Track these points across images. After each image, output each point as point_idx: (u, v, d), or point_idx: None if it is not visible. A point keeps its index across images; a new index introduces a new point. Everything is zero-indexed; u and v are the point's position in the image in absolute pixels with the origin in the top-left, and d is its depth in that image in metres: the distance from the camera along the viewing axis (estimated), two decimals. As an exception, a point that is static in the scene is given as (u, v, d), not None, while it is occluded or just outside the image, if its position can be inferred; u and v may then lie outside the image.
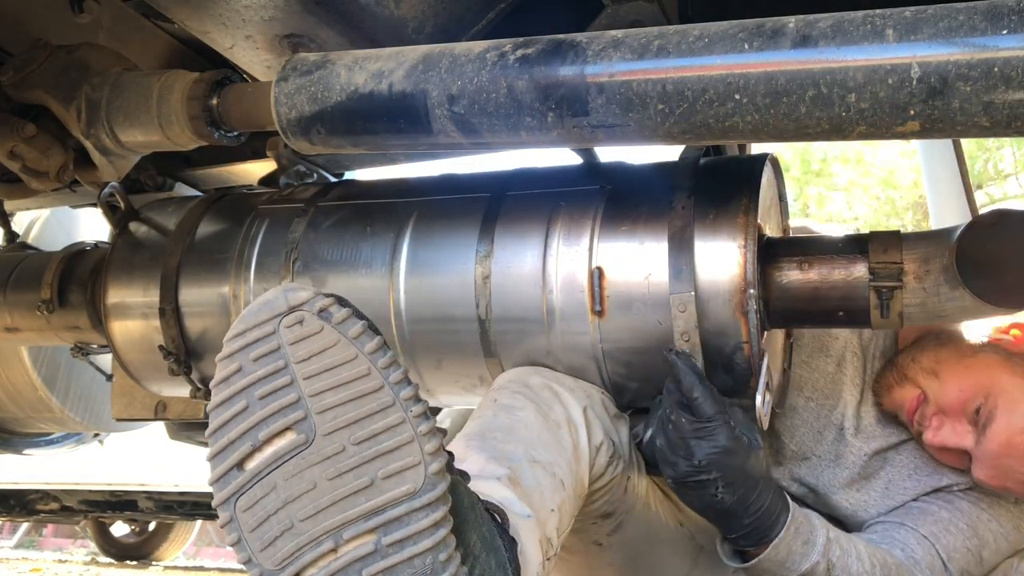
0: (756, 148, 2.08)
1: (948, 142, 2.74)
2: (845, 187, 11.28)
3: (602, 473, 1.32)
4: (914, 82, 0.91)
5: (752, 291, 1.23)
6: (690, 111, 1.02)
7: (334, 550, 0.81)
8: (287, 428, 0.83)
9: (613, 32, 1.09)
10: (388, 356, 0.85)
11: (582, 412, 1.31)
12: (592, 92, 1.06)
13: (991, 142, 9.29)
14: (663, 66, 1.03)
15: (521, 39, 1.14)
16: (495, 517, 1.01)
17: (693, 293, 1.25)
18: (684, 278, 1.26)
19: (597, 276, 1.32)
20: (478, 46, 1.15)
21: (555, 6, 1.64)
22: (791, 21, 0.99)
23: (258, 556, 0.82)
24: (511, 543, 1.01)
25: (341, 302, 0.87)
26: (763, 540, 1.31)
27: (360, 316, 0.87)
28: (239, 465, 0.83)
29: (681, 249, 1.27)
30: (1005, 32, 0.88)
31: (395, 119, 1.17)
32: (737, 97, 0.99)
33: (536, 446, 1.21)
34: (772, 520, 1.31)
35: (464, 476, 0.98)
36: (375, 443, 0.83)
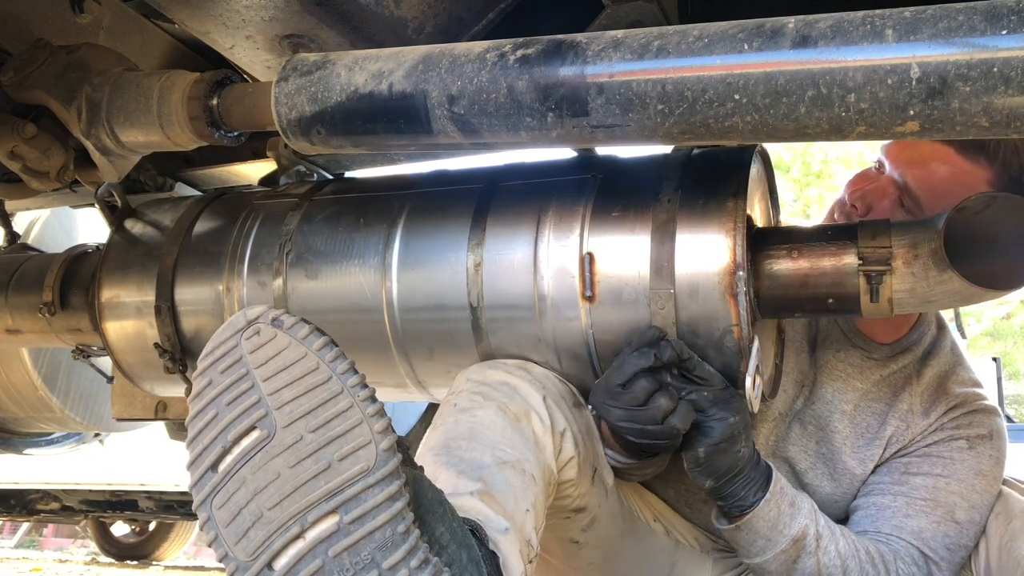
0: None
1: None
2: (845, 188, 11.25)
3: (569, 460, 1.34)
4: (913, 82, 0.91)
5: (741, 273, 1.23)
6: (690, 111, 1.02)
7: (301, 534, 0.86)
8: (252, 427, 0.90)
9: (613, 32, 1.09)
10: (334, 351, 0.93)
11: (542, 400, 1.32)
12: (592, 92, 1.06)
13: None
14: (663, 66, 1.03)
15: (521, 39, 1.14)
16: (474, 532, 1.04)
17: (672, 290, 1.26)
18: (664, 274, 1.27)
19: (588, 262, 1.32)
20: (478, 46, 1.15)
21: (555, 6, 1.65)
22: (791, 21, 0.99)
23: (233, 550, 0.87)
24: (491, 556, 1.04)
25: (290, 313, 0.97)
26: (755, 500, 1.38)
27: (307, 322, 0.96)
28: (213, 467, 0.89)
29: (663, 244, 1.28)
30: (1004, 32, 0.88)
31: (395, 119, 1.18)
32: (737, 97, 0.99)
33: (501, 445, 1.23)
34: (763, 477, 1.39)
35: (438, 492, 1.01)
36: (328, 429, 0.89)
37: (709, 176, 1.33)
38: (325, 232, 1.55)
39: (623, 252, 1.32)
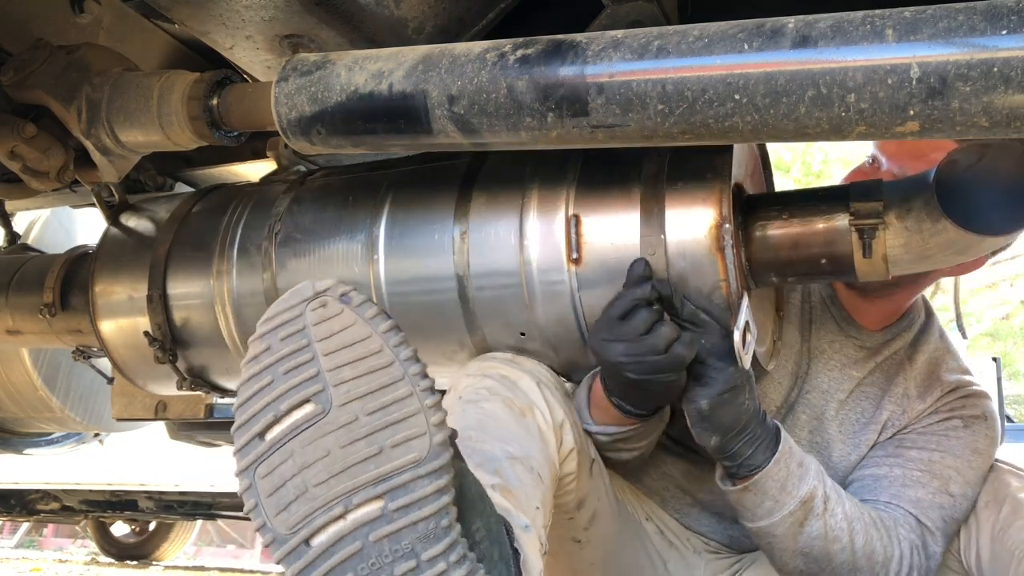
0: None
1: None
2: (845, 188, 11.26)
3: (569, 452, 1.33)
4: (913, 82, 0.91)
5: (728, 226, 1.22)
6: (690, 111, 1.02)
7: (343, 515, 0.85)
8: (306, 400, 0.88)
9: (613, 32, 1.09)
10: (400, 336, 0.92)
11: (541, 394, 1.32)
12: (592, 92, 1.06)
13: (991, 143, 9.24)
14: (663, 66, 1.03)
15: (521, 39, 1.14)
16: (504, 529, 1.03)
17: (663, 236, 1.25)
18: (654, 222, 1.26)
19: (574, 223, 1.31)
20: (478, 46, 1.15)
21: (555, 6, 1.65)
22: (791, 21, 0.99)
23: (273, 521, 0.86)
24: (514, 553, 1.03)
25: (358, 290, 0.95)
26: (764, 460, 1.34)
27: (374, 303, 0.94)
28: (261, 435, 0.88)
29: (654, 192, 1.28)
30: (1004, 32, 0.88)
31: (395, 119, 1.18)
32: (737, 97, 0.99)
33: (509, 440, 1.22)
34: (771, 435, 1.35)
35: (480, 487, 1.01)
36: (385, 414, 0.88)
37: None
38: (313, 211, 1.55)
39: (609, 213, 1.31)
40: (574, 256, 1.31)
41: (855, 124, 0.96)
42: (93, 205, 1.95)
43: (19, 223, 2.70)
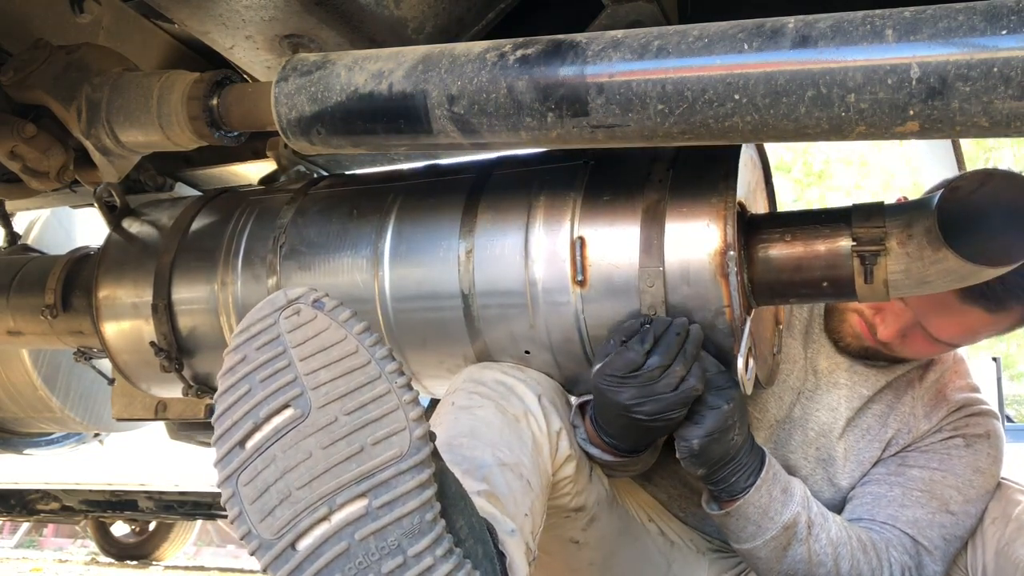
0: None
1: (947, 143, 2.74)
2: (847, 190, 11.28)
3: (566, 458, 1.33)
4: (913, 82, 0.91)
5: (732, 253, 1.23)
6: (690, 111, 1.02)
7: (328, 516, 0.86)
8: (286, 405, 0.89)
9: (613, 32, 1.09)
10: (374, 336, 0.93)
11: (537, 401, 1.32)
12: (592, 92, 1.06)
13: (991, 142, 9.29)
14: (663, 66, 1.03)
15: (521, 39, 1.14)
16: (488, 531, 1.04)
17: (661, 268, 1.26)
18: (654, 252, 1.27)
19: (579, 246, 1.31)
20: (478, 46, 1.15)
21: (555, 6, 1.65)
22: (791, 21, 0.99)
23: (258, 527, 0.86)
24: (500, 556, 1.04)
25: (330, 296, 0.96)
26: (745, 487, 1.36)
27: (348, 306, 0.96)
28: (241, 443, 0.89)
29: (653, 222, 1.28)
30: (1004, 32, 0.88)
31: (395, 119, 1.18)
32: (737, 97, 0.99)
33: (500, 446, 1.22)
34: (756, 462, 1.37)
35: (460, 486, 1.01)
36: (364, 412, 0.89)
37: (700, 157, 1.32)
38: (318, 224, 1.55)
39: (614, 235, 1.31)
40: (579, 278, 1.32)
41: (855, 124, 0.96)
42: (93, 205, 1.95)
43: (19, 223, 2.70)
